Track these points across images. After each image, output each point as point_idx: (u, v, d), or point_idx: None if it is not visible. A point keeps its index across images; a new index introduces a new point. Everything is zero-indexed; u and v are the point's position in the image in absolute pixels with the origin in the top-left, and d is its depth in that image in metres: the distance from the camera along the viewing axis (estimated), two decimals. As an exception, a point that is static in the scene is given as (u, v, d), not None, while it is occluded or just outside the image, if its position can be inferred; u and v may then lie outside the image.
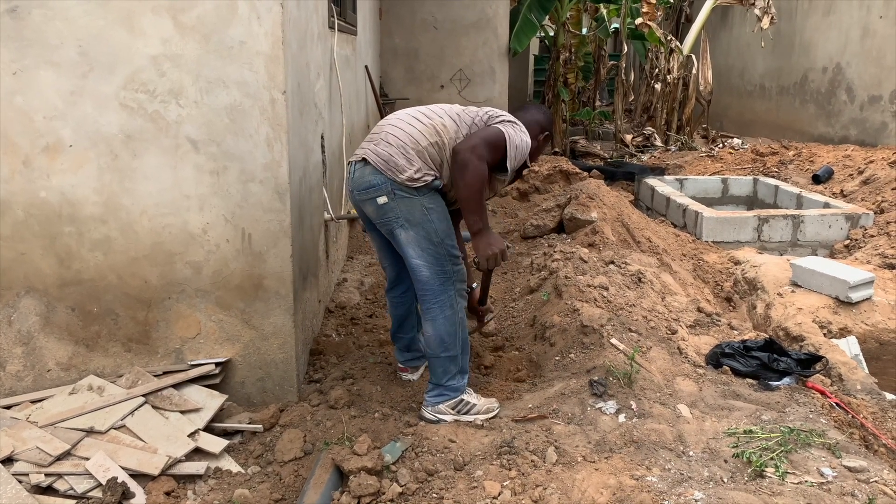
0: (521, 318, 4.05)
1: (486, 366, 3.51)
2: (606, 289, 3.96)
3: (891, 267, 5.40)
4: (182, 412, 2.74)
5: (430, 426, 2.76)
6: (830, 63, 10.68)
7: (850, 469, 2.54)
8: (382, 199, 2.79)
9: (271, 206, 2.87)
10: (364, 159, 2.83)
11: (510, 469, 2.51)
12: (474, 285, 3.41)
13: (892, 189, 7.11)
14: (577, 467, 2.51)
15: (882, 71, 9.60)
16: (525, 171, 3.21)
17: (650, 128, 12.48)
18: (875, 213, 6.66)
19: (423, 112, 2.96)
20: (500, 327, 3.98)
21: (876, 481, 2.47)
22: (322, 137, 3.83)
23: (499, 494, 2.38)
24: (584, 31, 13.44)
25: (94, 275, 2.85)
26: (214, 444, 2.66)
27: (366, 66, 6.52)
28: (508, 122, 2.90)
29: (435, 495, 2.41)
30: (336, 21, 4.43)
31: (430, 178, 2.79)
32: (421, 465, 2.53)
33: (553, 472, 2.49)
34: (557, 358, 3.43)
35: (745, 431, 2.77)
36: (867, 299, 4.66)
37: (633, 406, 2.92)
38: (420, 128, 2.87)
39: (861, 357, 4.22)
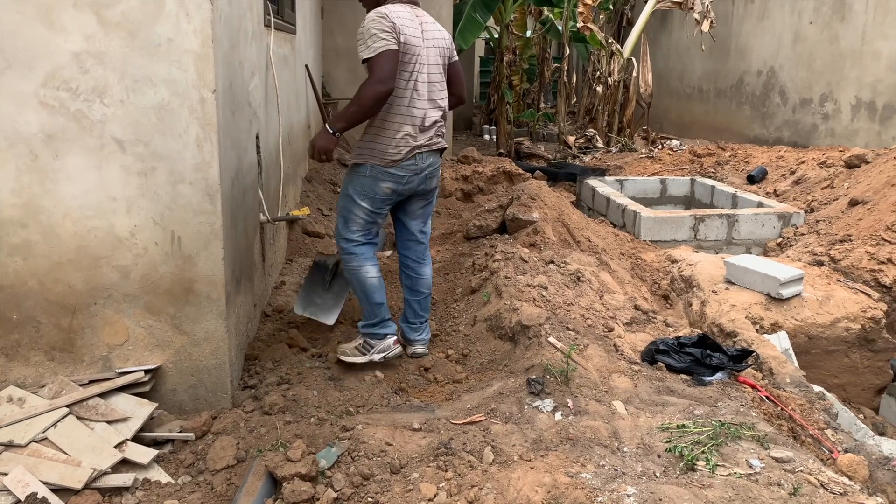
0: (462, 318, 4.05)
1: (425, 367, 3.50)
2: (546, 288, 3.99)
3: (820, 264, 5.60)
4: (109, 422, 2.64)
5: (366, 430, 2.72)
6: (764, 67, 11.03)
7: (777, 460, 2.61)
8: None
9: (202, 208, 2.80)
10: (442, 149, 3.48)
11: (446, 470, 2.50)
12: None
13: (822, 189, 7.38)
14: (514, 466, 2.52)
15: (812, 75, 9.96)
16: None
17: (592, 129, 12.67)
18: (806, 212, 6.90)
19: (441, 83, 3.43)
20: (441, 328, 3.97)
21: (802, 471, 2.54)
22: (257, 137, 3.76)
23: (434, 496, 2.37)
24: (529, 33, 13.56)
25: (13, 280, 2.73)
26: (143, 454, 2.58)
27: (306, 66, 6.44)
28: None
29: (370, 499, 2.38)
30: (273, 19, 4.36)
31: None
32: (357, 470, 2.50)
33: (489, 471, 2.49)
34: (497, 357, 3.43)
35: (678, 426, 2.82)
36: (797, 295, 4.81)
37: (570, 404, 2.95)
38: None
39: (791, 351, 4.36)
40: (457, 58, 3.56)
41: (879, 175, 6.73)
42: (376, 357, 3.37)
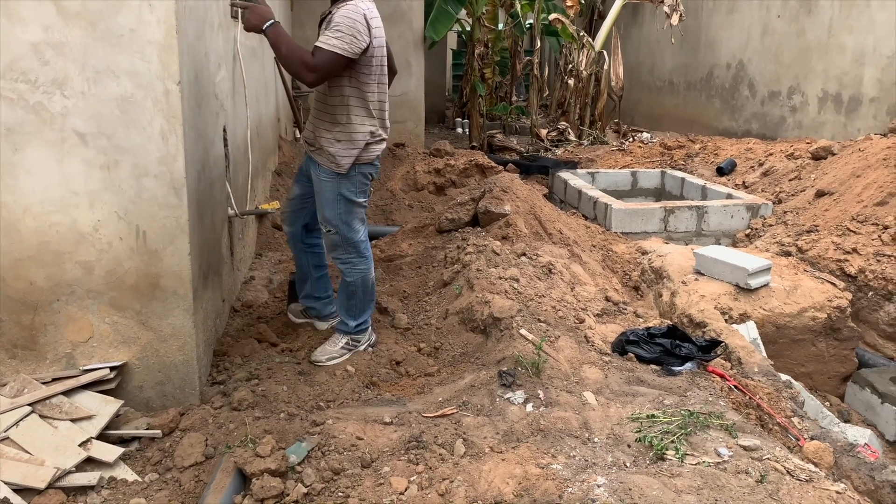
0: (434, 311, 4.04)
1: (397, 361, 3.49)
2: (517, 280, 3.99)
3: (787, 254, 5.68)
4: (73, 420, 2.59)
5: (337, 424, 2.71)
6: (734, 60, 11.14)
7: (745, 448, 2.64)
8: None
9: (167, 202, 2.75)
10: None
11: (418, 464, 2.50)
12: None
13: (790, 180, 7.48)
14: (485, 458, 2.52)
15: (780, 67, 10.09)
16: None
17: (564, 122, 12.71)
18: (774, 203, 7.00)
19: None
20: (413, 321, 3.96)
21: (769, 458, 2.58)
22: (224, 130, 3.71)
23: (405, 490, 2.36)
24: (500, 26, 13.54)
25: (-28, 277, 2.66)
26: (108, 452, 2.53)
27: (275, 58, 6.35)
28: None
29: (341, 493, 2.37)
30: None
31: None
32: (327, 465, 2.48)
33: (460, 464, 2.49)
34: (469, 350, 3.42)
35: (648, 416, 2.85)
36: (765, 286, 4.87)
37: (541, 395, 2.95)
38: None
39: (759, 341, 4.42)
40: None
41: (845, 167, 6.84)
42: (362, 348, 3.51)
